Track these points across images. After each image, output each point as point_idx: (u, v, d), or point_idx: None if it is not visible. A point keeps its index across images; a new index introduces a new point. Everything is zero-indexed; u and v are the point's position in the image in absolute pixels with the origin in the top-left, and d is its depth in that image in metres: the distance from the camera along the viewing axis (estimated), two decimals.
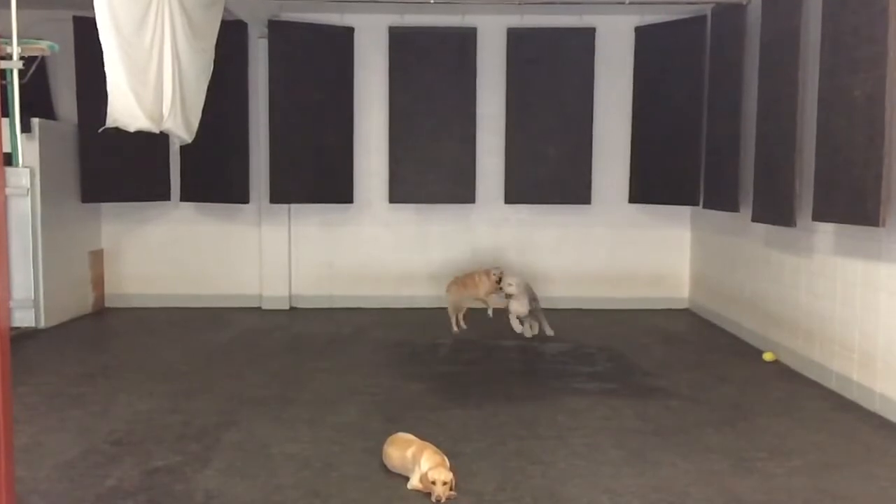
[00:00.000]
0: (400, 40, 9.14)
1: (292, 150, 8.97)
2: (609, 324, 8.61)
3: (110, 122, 5.13)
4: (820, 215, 5.75)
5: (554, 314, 9.04)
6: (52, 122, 8.59)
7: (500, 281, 7.74)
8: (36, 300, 7.77)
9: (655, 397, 5.75)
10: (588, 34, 9.12)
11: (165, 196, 9.28)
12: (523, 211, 9.49)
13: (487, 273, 7.95)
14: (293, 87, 8.94)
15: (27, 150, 7.62)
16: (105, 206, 9.30)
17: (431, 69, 9.14)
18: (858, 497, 4.03)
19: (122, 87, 5.11)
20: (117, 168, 8.76)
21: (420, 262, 9.41)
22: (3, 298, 2.96)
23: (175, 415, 5.24)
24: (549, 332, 7.77)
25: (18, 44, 3.87)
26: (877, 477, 4.30)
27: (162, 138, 6.47)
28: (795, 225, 6.13)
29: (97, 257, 9.25)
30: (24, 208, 7.70)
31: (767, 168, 6.63)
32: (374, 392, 5.86)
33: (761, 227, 7.11)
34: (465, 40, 9.12)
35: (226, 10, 6.98)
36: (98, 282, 9.23)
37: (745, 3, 7.38)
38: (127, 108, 5.19)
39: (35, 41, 4.43)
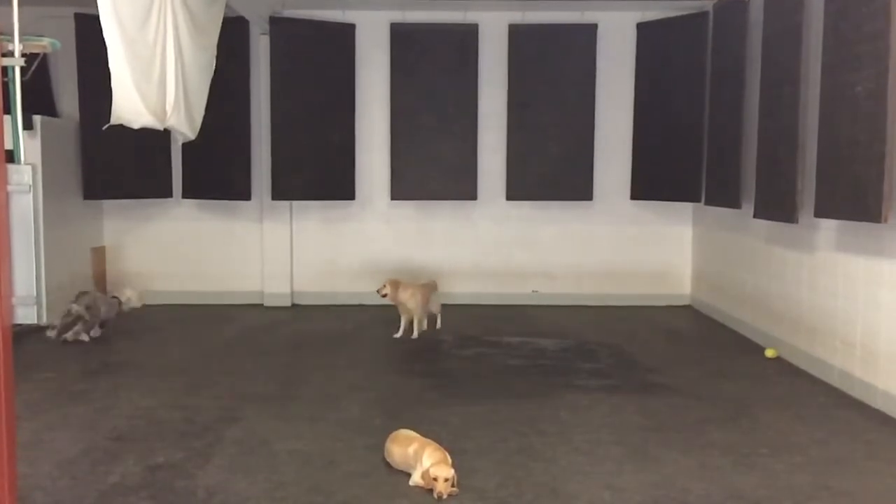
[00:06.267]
0: (401, 37, 9.13)
1: (294, 147, 8.97)
2: (611, 320, 8.61)
3: (114, 119, 5.14)
4: (822, 211, 5.74)
5: (556, 310, 9.08)
6: (54, 119, 8.59)
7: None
8: (38, 297, 7.74)
9: (657, 394, 5.75)
10: (590, 30, 9.11)
11: (167, 193, 9.29)
12: (525, 207, 9.48)
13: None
14: (295, 83, 8.94)
15: (29, 147, 7.51)
16: (107, 202, 9.32)
17: (433, 66, 9.14)
18: (860, 493, 4.03)
19: (126, 85, 5.11)
20: (119, 165, 8.79)
21: (422, 259, 9.41)
22: (6, 295, 2.96)
23: (177, 411, 5.25)
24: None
25: (20, 41, 3.86)
26: (879, 473, 4.30)
27: (163, 135, 6.47)
28: (797, 221, 6.13)
29: (99, 254, 9.26)
30: (26, 205, 7.62)
31: (769, 164, 6.62)
32: (375, 389, 5.86)
33: (763, 224, 7.10)
34: (466, 37, 9.12)
35: (227, 6, 6.97)
36: (100, 279, 9.24)
37: None
38: (131, 106, 5.19)
39: (37, 38, 4.41)
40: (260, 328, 8.15)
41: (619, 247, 9.54)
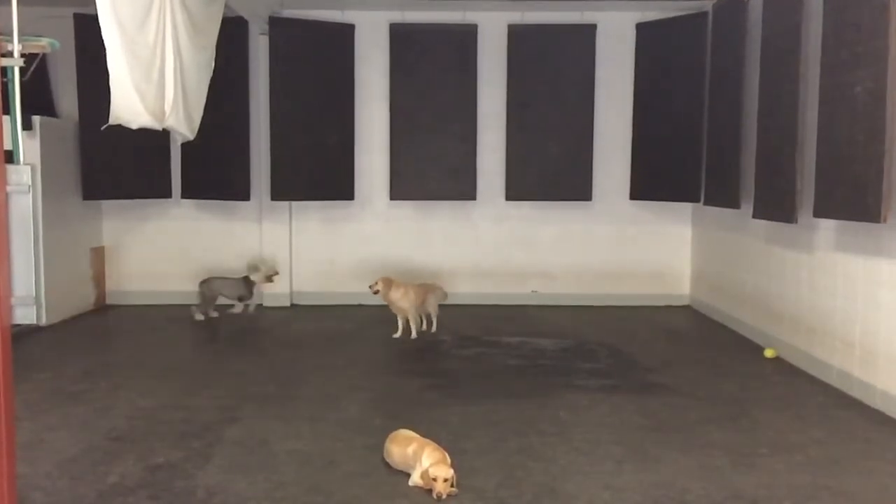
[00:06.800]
0: (401, 37, 9.13)
1: (293, 147, 8.97)
2: (610, 320, 8.62)
3: (113, 119, 5.14)
4: (821, 211, 5.74)
5: (555, 310, 9.08)
6: (53, 119, 8.60)
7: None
8: (37, 297, 7.77)
9: (656, 393, 5.75)
10: (589, 31, 9.12)
11: (167, 193, 9.29)
12: (524, 207, 9.49)
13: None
14: (294, 83, 8.94)
15: (28, 147, 7.62)
16: (106, 203, 9.31)
17: (432, 66, 9.14)
18: (859, 493, 4.03)
19: (125, 85, 5.11)
20: (118, 165, 8.79)
21: (421, 259, 9.41)
22: (5, 296, 2.96)
23: (176, 411, 5.25)
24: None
25: (19, 41, 3.86)
26: (877, 472, 4.30)
27: (162, 135, 6.47)
28: (797, 221, 6.13)
29: (98, 254, 9.26)
30: (25, 205, 7.70)
31: (768, 164, 6.62)
32: (375, 389, 5.86)
33: (762, 224, 7.10)
34: (465, 37, 9.12)
35: (226, 6, 6.98)
36: (99, 279, 9.24)
37: None
38: (130, 106, 5.19)
39: (36, 38, 4.42)
40: (259, 328, 8.15)
41: (618, 247, 9.55)
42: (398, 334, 7.54)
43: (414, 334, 7.52)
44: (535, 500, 3.88)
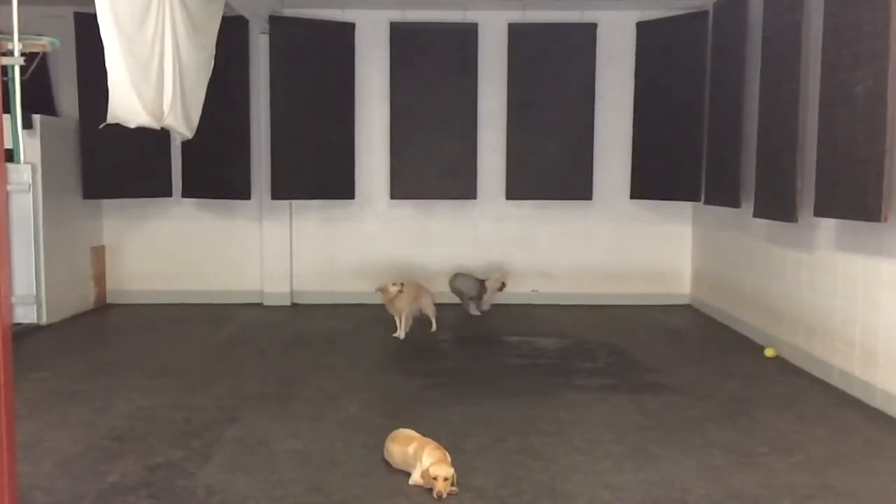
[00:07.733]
0: (401, 36, 9.13)
1: (293, 146, 8.97)
2: (610, 319, 8.61)
3: (111, 118, 5.14)
4: (821, 211, 5.74)
5: (555, 310, 9.08)
6: (53, 118, 8.60)
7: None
8: (38, 296, 7.78)
9: (656, 393, 5.75)
10: (589, 29, 9.12)
11: (167, 192, 9.29)
12: (525, 207, 9.48)
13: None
14: (294, 82, 8.94)
15: (29, 146, 7.62)
16: (106, 202, 9.31)
17: (433, 65, 9.14)
18: (859, 492, 4.03)
19: (123, 84, 5.11)
20: (119, 164, 8.79)
21: (421, 258, 9.41)
22: (6, 295, 2.96)
23: (176, 411, 5.25)
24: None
25: (20, 40, 3.85)
26: (878, 472, 4.30)
27: (163, 135, 6.47)
28: (797, 221, 6.12)
29: (99, 253, 9.26)
30: (25, 205, 7.70)
31: (769, 163, 6.62)
32: (375, 388, 5.87)
33: (763, 223, 7.10)
34: (466, 36, 9.12)
35: (227, 5, 6.97)
36: (100, 278, 9.24)
37: None
38: (128, 105, 5.19)
39: (36, 37, 4.41)
40: (259, 327, 8.15)
41: (618, 246, 9.54)
42: (398, 334, 7.54)
43: (403, 334, 7.47)
44: (535, 499, 3.89)
